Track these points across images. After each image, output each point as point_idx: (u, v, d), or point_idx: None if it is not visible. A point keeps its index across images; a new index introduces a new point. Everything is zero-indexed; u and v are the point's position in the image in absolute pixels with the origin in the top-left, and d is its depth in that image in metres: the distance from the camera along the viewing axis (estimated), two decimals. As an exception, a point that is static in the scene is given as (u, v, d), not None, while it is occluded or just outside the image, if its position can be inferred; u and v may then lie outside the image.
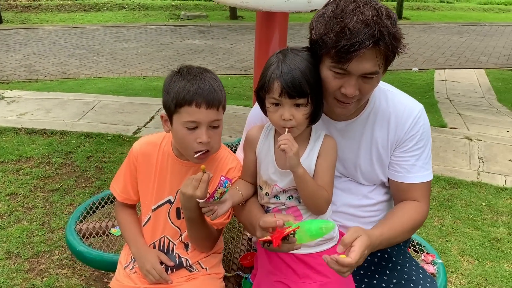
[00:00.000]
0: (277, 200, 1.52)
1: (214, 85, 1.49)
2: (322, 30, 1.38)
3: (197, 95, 1.45)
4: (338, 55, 1.34)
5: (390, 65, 1.48)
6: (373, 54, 1.35)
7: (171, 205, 1.66)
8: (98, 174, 3.97)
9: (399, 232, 1.55)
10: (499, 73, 9.27)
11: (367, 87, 1.44)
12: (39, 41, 10.35)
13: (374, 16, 1.33)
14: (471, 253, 3.18)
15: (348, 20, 1.33)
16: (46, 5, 13.98)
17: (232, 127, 5.05)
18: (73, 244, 2.00)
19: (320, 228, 1.28)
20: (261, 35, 2.68)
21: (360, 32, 1.31)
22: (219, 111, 1.50)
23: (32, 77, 7.70)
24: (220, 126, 1.53)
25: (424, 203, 1.64)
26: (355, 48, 1.32)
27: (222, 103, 1.50)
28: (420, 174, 1.62)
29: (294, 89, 1.37)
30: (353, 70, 1.38)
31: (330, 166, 1.51)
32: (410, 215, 1.60)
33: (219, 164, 1.64)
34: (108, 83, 7.29)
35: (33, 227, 3.23)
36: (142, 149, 1.68)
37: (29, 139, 4.55)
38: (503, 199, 3.88)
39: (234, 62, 9.18)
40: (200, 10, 14.73)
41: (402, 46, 1.41)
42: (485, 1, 19.52)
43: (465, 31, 13.57)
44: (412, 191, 1.63)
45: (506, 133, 5.40)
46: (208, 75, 1.52)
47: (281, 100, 1.40)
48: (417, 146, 1.61)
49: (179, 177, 1.62)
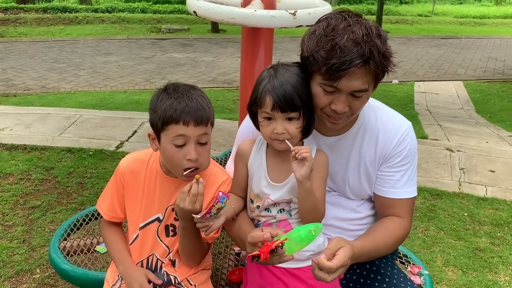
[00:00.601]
0: (268, 213, 1.51)
1: (202, 102, 1.48)
2: (313, 47, 1.40)
3: (185, 113, 1.44)
4: (329, 73, 1.36)
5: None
6: (362, 73, 1.37)
7: (160, 223, 1.64)
8: (80, 190, 3.90)
9: (380, 246, 1.56)
10: (477, 85, 9.49)
11: (357, 104, 1.46)
12: (17, 54, 10.22)
13: (364, 35, 1.35)
14: (455, 263, 3.21)
15: (339, 38, 1.35)
16: (24, 19, 13.83)
17: (215, 140, 5.03)
18: (57, 262, 1.95)
19: (309, 232, 1.27)
20: (247, 50, 2.69)
21: (351, 50, 1.33)
22: (208, 127, 1.50)
23: (11, 91, 7.58)
24: (208, 143, 1.52)
25: (406, 219, 1.65)
26: (345, 66, 1.33)
27: (210, 119, 1.50)
28: (405, 190, 1.64)
29: (286, 103, 1.39)
30: (343, 87, 1.39)
31: (322, 182, 1.52)
32: (392, 231, 1.61)
33: (210, 179, 1.63)
34: (89, 97, 7.22)
35: (13, 245, 3.15)
36: (129, 167, 1.65)
37: (8, 155, 4.46)
38: (484, 209, 3.94)
39: (216, 75, 9.20)
40: (182, 24, 14.76)
41: (392, 65, 1.44)
42: (461, 14, 20.03)
43: (442, 44, 13.89)
44: (396, 207, 1.64)
45: (485, 144, 5.51)
46: (195, 92, 1.51)
47: (274, 114, 1.41)
48: (403, 162, 1.63)
49: (168, 194, 1.60)
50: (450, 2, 24.63)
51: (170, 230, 1.64)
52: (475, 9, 21.61)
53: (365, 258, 1.52)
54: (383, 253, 1.61)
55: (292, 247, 1.31)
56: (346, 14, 1.42)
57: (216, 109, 6.78)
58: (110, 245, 1.71)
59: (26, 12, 14.52)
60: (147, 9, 16.24)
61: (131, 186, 1.64)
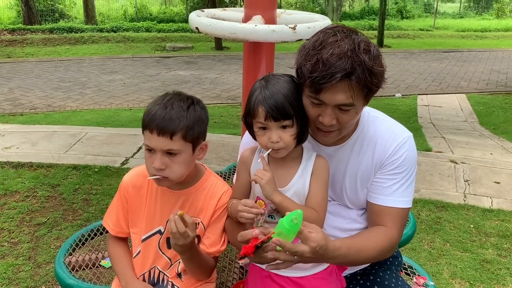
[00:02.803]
0: (271, 219, 1.53)
1: (177, 113, 1.46)
2: (301, 60, 1.44)
3: (151, 121, 1.46)
4: (312, 86, 1.39)
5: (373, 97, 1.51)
6: (345, 87, 1.38)
7: (161, 235, 1.65)
8: (86, 207, 3.92)
9: (360, 252, 1.51)
10: (480, 97, 9.51)
11: (345, 117, 1.47)
12: (24, 74, 10.36)
13: (349, 50, 1.36)
14: (462, 275, 3.19)
15: (324, 52, 1.37)
16: (31, 39, 14.04)
17: (220, 155, 5.06)
18: (62, 277, 1.96)
19: (292, 221, 1.27)
20: (249, 64, 2.73)
21: (332, 65, 1.35)
22: (174, 141, 1.46)
23: (17, 110, 7.67)
24: (179, 155, 1.48)
25: (394, 229, 1.60)
26: (325, 80, 1.36)
27: (176, 133, 1.45)
28: (394, 199, 1.61)
29: (278, 112, 1.42)
30: (327, 100, 1.42)
31: (323, 186, 1.53)
32: (375, 239, 1.57)
33: (208, 192, 1.64)
34: (95, 115, 7.29)
35: (19, 262, 3.16)
36: (132, 181, 1.67)
37: (14, 172, 4.50)
38: (490, 221, 3.92)
39: (220, 92, 9.28)
40: (186, 42, 14.93)
41: (379, 81, 1.43)
42: (463, 28, 20.14)
43: (444, 58, 13.95)
44: (384, 215, 1.61)
45: (489, 155, 5.50)
46: (179, 103, 1.49)
47: (267, 124, 1.45)
48: (397, 171, 1.62)
49: (168, 207, 1.62)
50: (451, 16, 24.80)
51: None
52: (476, 23, 21.72)
53: (341, 261, 1.48)
54: (361, 260, 1.57)
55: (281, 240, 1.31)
56: (338, 29, 1.44)
57: (220, 124, 6.84)
58: (114, 260, 1.72)
59: (33, 33, 14.74)
60: (151, 28, 16.45)
61: (135, 200, 1.66)
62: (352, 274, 1.77)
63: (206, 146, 1.59)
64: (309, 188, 1.52)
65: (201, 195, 1.63)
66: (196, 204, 1.63)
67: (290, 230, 1.27)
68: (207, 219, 1.64)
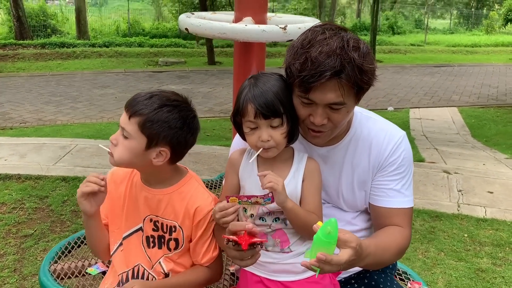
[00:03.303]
0: (262, 222, 1.48)
1: (149, 104, 1.45)
2: (290, 60, 1.40)
3: (130, 99, 1.49)
4: (302, 85, 1.36)
5: (364, 99, 1.47)
6: (335, 85, 1.35)
7: (143, 233, 1.62)
8: (74, 218, 3.84)
9: (385, 251, 1.49)
10: (471, 110, 9.57)
11: (336, 116, 1.43)
12: (14, 89, 10.30)
13: (338, 47, 1.33)
14: (457, 284, 3.14)
15: (313, 50, 1.34)
16: (23, 54, 14.01)
17: (212, 166, 5.01)
18: (47, 285, 1.89)
19: (328, 233, 1.20)
20: (239, 65, 2.71)
21: (321, 63, 1.32)
22: (130, 122, 1.44)
23: (7, 124, 7.59)
24: (128, 140, 1.45)
25: (406, 229, 1.60)
26: (314, 79, 1.32)
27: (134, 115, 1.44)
28: (400, 200, 1.60)
29: (267, 110, 1.38)
30: (316, 99, 1.38)
31: (317, 190, 1.50)
32: (395, 238, 1.55)
33: (185, 198, 1.57)
34: (86, 128, 7.23)
35: (4, 274, 3.07)
36: (113, 177, 1.65)
37: (2, 184, 4.41)
38: (484, 230, 3.89)
39: (213, 106, 9.27)
40: (178, 57, 14.98)
41: (370, 79, 1.39)
42: (453, 43, 20.41)
43: (436, 72, 14.08)
44: (392, 217, 1.59)
45: (482, 166, 5.49)
46: (162, 99, 1.48)
47: (257, 122, 1.40)
48: (397, 171, 1.60)
49: (148, 204, 1.59)
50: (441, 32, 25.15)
51: (151, 241, 1.61)
52: (466, 38, 22.05)
53: (371, 262, 1.42)
54: (386, 260, 1.53)
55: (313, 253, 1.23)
56: (326, 27, 1.41)
57: (213, 137, 6.81)
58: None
59: (24, 48, 14.71)
60: (144, 43, 16.50)
61: (114, 195, 1.63)
62: (347, 278, 1.72)
63: (166, 154, 1.49)
64: (302, 192, 1.48)
65: (177, 198, 1.57)
66: (172, 206, 1.57)
67: (330, 242, 1.21)
68: (186, 226, 1.57)
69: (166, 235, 1.60)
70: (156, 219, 1.60)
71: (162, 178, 1.57)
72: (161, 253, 1.61)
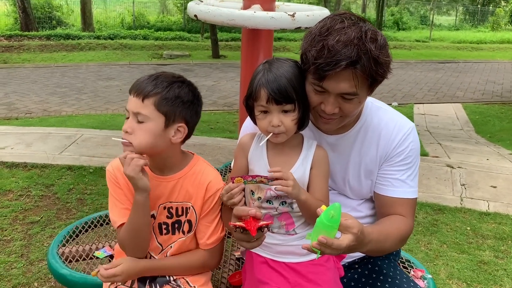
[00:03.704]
0: (269, 205, 1.50)
1: (159, 83, 1.48)
2: (307, 46, 1.41)
3: (134, 83, 1.50)
4: (316, 72, 1.37)
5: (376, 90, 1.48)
6: (349, 75, 1.36)
7: (154, 220, 1.63)
8: (80, 206, 3.88)
9: (387, 238, 1.50)
10: (475, 106, 9.56)
11: (348, 106, 1.44)
12: (20, 80, 10.33)
13: (356, 38, 1.33)
14: (459, 276, 3.16)
15: (330, 39, 1.35)
16: (28, 45, 14.04)
17: (216, 158, 5.04)
18: (55, 267, 1.93)
19: (331, 217, 1.22)
20: (247, 52, 2.72)
21: (338, 52, 1.32)
22: (145, 104, 1.45)
23: (12, 114, 7.63)
24: (146, 123, 1.46)
25: (409, 218, 1.62)
26: (329, 67, 1.33)
27: (148, 96, 1.45)
28: (405, 190, 1.62)
29: (280, 95, 1.39)
30: (330, 88, 1.39)
31: (325, 177, 1.52)
32: (397, 226, 1.57)
33: (197, 178, 1.60)
34: (90, 119, 7.26)
35: (11, 259, 3.11)
36: (117, 167, 1.62)
37: (8, 172, 4.45)
38: (487, 223, 3.91)
39: (217, 99, 9.28)
40: (183, 50, 14.97)
41: (384, 71, 1.40)
42: (458, 40, 20.33)
43: (440, 68, 14.05)
44: (396, 206, 1.61)
45: (486, 161, 5.50)
46: (166, 77, 1.52)
47: (269, 107, 1.42)
48: (404, 162, 1.62)
49: (158, 193, 1.58)
50: (447, 28, 25.05)
51: (163, 228, 1.63)
52: (471, 35, 21.95)
53: (373, 248, 1.43)
54: (387, 247, 1.55)
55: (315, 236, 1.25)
56: (345, 16, 1.41)
57: (217, 130, 6.82)
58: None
59: (30, 39, 14.74)
60: (149, 36, 16.50)
61: (124, 185, 1.60)
62: (350, 262, 1.75)
63: (184, 129, 1.53)
64: (310, 180, 1.50)
65: (190, 180, 1.60)
66: (185, 189, 1.60)
67: (332, 226, 1.23)
68: (198, 205, 1.60)
69: (182, 218, 1.62)
70: (169, 206, 1.61)
71: (174, 162, 1.59)
72: (175, 238, 1.64)
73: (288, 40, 17.60)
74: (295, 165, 1.50)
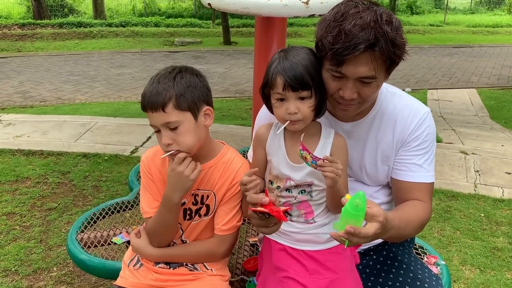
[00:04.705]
0: (288, 193, 1.51)
1: (164, 85, 1.47)
2: (322, 33, 1.41)
3: (144, 101, 1.48)
4: (334, 58, 1.37)
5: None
6: (368, 59, 1.37)
7: (183, 207, 1.66)
8: (96, 193, 3.95)
9: (408, 224, 1.51)
10: (490, 92, 9.42)
11: (366, 91, 1.45)
12: (34, 68, 10.42)
13: (372, 21, 1.34)
14: (472, 262, 3.17)
15: (346, 23, 1.35)
16: (41, 34, 14.12)
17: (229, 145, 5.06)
18: (75, 252, 1.98)
19: (357, 206, 1.22)
20: (261, 40, 2.73)
21: (355, 36, 1.33)
22: (168, 113, 1.45)
23: (27, 103, 7.72)
24: (180, 126, 1.47)
25: (427, 202, 1.62)
26: (348, 51, 1.33)
27: (166, 104, 1.45)
28: (422, 174, 1.62)
29: (296, 82, 1.40)
30: (348, 73, 1.40)
31: (344, 166, 1.51)
32: (417, 212, 1.58)
33: (226, 167, 1.63)
34: (104, 107, 7.32)
35: (30, 245, 3.19)
36: (152, 159, 1.66)
37: (25, 160, 4.53)
38: (501, 210, 3.89)
39: (228, 86, 9.27)
40: (194, 37, 14.93)
41: (401, 52, 1.41)
42: (474, 24, 19.96)
43: (455, 53, 13.83)
44: (414, 191, 1.62)
45: (500, 147, 5.45)
46: (166, 75, 1.50)
47: (285, 94, 1.42)
48: (421, 147, 1.62)
49: None
50: (462, 12, 24.59)
51: (187, 214, 1.66)
52: (487, 18, 21.52)
53: (394, 234, 1.44)
54: (408, 233, 1.56)
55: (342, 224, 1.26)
56: (358, 1, 1.42)
57: (229, 117, 6.84)
58: None
59: (42, 28, 14.82)
60: (160, 23, 16.47)
61: (157, 175, 1.64)
62: (366, 250, 1.77)
63: (211, 111, 1.56)
64: None
65: (219, 170, 1.62)
66: (214, 178, 1.62)
67: (358, 214, 1.23)
68: (221, 192, 1.63)
69: (203, 206, 1.65)
70: (196, 193, 1.64)
71: (208, 150, 1.62)
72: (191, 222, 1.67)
73: (300, 26, 17.45)
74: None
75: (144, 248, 1.66)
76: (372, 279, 1.66)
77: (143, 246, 1.66)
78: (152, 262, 1.66)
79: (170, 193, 1.53)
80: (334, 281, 1.47)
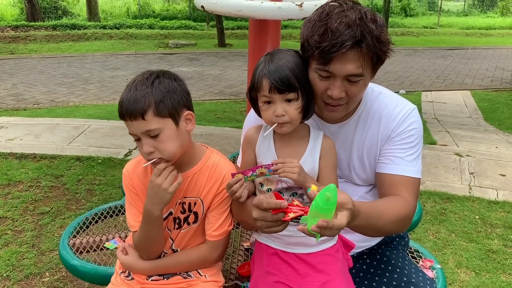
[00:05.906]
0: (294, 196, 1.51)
1: (141, 92, 1.41)
2: (308, 33, 1.43)
3: (121, 109, 1.42)
4: (321, 56, 1.38)
5: (375, 82, 1.50)
6: (355, 56, 1.38)
7: (171, 216, 1.64)
8: (89, 197, 3.91)
9: (381, 215, 1.43)
10: (484, 94, 9.46)
11: (353, 89, 1.45)
12: (27, 70, 10.36)
13: (357, 19, 1.37)
14: (468, 265, 3.16)
15: (332, 22, 1.37)
16: (34, 36, 14.05)
17: (223, 148, 5.04)
18: (67, 258, 1.95)
19: (327, 199, 1.17)
20: (255, 43, 2.72)
21: (342, 33, 1.35)
22: (148, 120, 1.40)
23: (21, 105, 7.67)
24: (161, 134, 1.42)
25: (410, 197, 1.55)
26: (335, 48, 1.35)
27: (146, 111, 1.39)
28: (405, 168, 1.57)
29: (282, 84, 1.40)
30: (336, 71, 1.40)
31: (333, 167, 1.52)
32: (394, 205, 1.51)
33: (211, 171, 1.60)
34: (98, 110, 7.28)
35: (22, 249, 3.16)
36: (134, 170, 1.62)
37: (18, 163, 4.49)
38: (496, 212, 3.90)
39: (223, 88, 9.25)
40: (189, 39, 14.91)
41: (387, 49, 1.43)
42: (467, 26, 20.06)
43: (449, 55, 13.89)
44: (397, 186, 1.56)
45: (495, 149, 5.46)
46: (143, 82, 1.44)
47: (272, 97, 1.43)
48: (405, 141, 1.60)
49: (179, 189, 1.56)
50: (455, 14, 24.71)
51: (176, 222, 1.64)
52: (480, 21, 21.63)
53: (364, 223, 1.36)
54: (382, 226, 1.46)
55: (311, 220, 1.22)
56: (341, 1, 1.44)
57: (223, 120, 6.82)
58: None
59: (36, 30, 14.74)
60: (154, 25, 16.43)
61: (140, 187, 1.61)
62: (359, 253, 1.75)
63: (192, 116, 1.52)
64: (319, 170, 1.50)
65: (204, 175, 1.59)
66: (200, 184, 1.60)
67: (329, 208, 1.19)
68: (209, 197, 1.60)
69: (191, 213, 1.62)
70: (183, 201, 1.61)
71: (191, 156, 1.58)
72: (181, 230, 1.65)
73: (294, 28, 17.47)
74: (304, 156, 1.50)
75: (134, 263, 1.62)
76: (365, 283, 1.64)
77: (133, 261, 1.62)
78: (144, 276, 1.63)
79: (149, 206, 1.49)
80: (325, 283, 1.45)
